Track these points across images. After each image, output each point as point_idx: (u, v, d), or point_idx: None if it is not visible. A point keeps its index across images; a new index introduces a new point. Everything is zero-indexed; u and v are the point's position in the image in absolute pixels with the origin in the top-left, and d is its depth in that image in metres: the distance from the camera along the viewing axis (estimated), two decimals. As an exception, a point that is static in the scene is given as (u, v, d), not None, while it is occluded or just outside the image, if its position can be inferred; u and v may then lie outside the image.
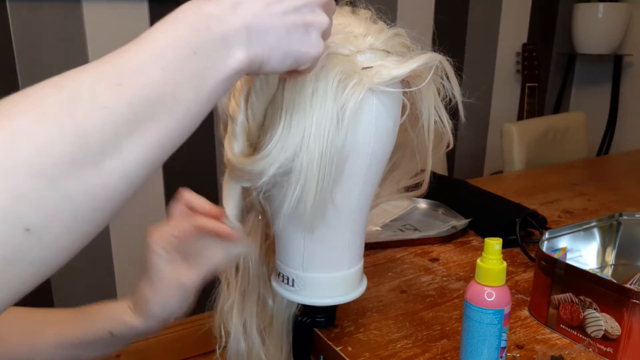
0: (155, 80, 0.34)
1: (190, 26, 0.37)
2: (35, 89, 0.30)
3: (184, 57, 0.36)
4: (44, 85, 0.31)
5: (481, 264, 0.58)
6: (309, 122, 0.49)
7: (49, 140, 0.28)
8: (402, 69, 0.53)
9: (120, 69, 0.33)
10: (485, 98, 2.63)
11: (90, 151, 0.30)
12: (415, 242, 1.01)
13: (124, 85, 0.32)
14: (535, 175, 1.56)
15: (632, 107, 2.69)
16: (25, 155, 0.27)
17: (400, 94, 0.57)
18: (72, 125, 0.29)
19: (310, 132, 0.49)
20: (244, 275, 0.65)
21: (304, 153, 0.50)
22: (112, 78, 0.32)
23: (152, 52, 0.35)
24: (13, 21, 1.54)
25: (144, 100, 0.33)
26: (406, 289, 0.84)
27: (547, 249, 0.79)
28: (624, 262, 0.89)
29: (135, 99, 0.32)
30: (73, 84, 0.31)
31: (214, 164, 1.96)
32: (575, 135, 2.00)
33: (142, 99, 0.33)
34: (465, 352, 0.59)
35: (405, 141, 0.66)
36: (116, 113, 0.31)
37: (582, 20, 2.57)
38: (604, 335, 0.65)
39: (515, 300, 0.81)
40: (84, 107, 0.30)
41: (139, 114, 0.32)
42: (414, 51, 0.57)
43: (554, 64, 2.88)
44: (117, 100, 0.32)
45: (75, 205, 0.30)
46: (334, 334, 0.71)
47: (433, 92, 0.58)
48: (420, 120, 0.60)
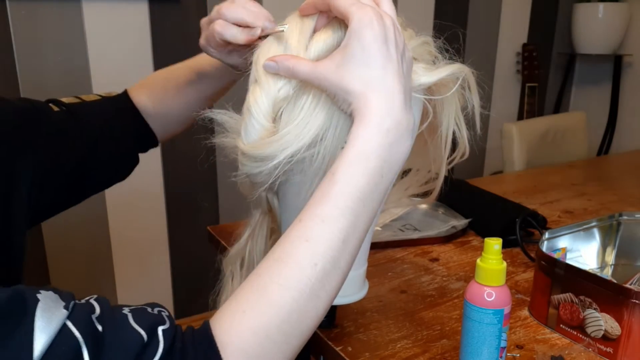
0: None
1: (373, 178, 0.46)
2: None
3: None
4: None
5: (481, 264, 0.58)
6: (335, 114, 0.50)
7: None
8: (430, 77, 0.54)
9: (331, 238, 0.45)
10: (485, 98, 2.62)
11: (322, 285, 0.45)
12: (415, 242, 1.01)
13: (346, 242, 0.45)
14: (535, 175, 1.56)
15: (632, 107, 2.69)
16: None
17: (423, 101, 0.57)
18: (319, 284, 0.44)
19: (332, 125, 0.50)
20: (249, 269, 0.65)
21: (321, 145, 0.50)
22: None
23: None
24: (13, 21, 1.54)
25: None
26: (406, 289, 0.84)
27: (547, 249, 0.79)
28: (624, 262, 0.89)
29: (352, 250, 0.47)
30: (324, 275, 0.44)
31: (214, 164, 1.96)
32: (575, 135, 2.00)
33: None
34: (465, 352, 0.59)
35: (417, 148, 0.66)
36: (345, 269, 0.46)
37: (582, 20, 2.57)
38: (604, 335, 0.65)
39: (515, 300, 0.81)
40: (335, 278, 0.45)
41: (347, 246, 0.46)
42: (440, 60, 0.57)
43: (554, 64, 2.88)
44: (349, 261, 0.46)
45: (325, 303, 0.45)
46: (334, 334, 0.71)
47: (455, 102, 0.59)
48: (439, 129, 0.60)
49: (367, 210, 0.46)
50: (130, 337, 0.39)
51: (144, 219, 1.92)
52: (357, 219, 0.45)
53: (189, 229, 2.00)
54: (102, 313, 0.40)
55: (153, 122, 0.76)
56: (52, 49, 1.61)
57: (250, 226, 0.65)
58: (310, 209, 0.45)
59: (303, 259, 0.43)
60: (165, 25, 1.79)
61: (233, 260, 0.65)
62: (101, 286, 1.85)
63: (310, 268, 0.43)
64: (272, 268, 0.44)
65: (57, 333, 0.36)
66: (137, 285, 1.95)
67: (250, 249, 0.64)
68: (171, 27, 1.80)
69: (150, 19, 1.76)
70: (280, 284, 0.42)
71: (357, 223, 0.45)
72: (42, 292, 0.38)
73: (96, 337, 0.38)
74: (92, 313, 0.39)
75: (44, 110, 0.65)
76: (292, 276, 0.43)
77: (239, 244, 0.65)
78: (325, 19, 0.52)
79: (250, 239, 0.65)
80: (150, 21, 1.77)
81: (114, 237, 1.87)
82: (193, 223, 2.00)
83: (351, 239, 0.45)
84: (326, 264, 0.43)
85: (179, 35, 1.82)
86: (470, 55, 2.48)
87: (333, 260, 0.44)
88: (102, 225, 1.84)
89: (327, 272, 0.44)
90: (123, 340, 0.38)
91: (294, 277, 0.43)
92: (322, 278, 0.43)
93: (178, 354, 0.40)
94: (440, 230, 1.05)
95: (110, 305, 0.41)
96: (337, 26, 0.51)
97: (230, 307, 0.43)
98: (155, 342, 0.39)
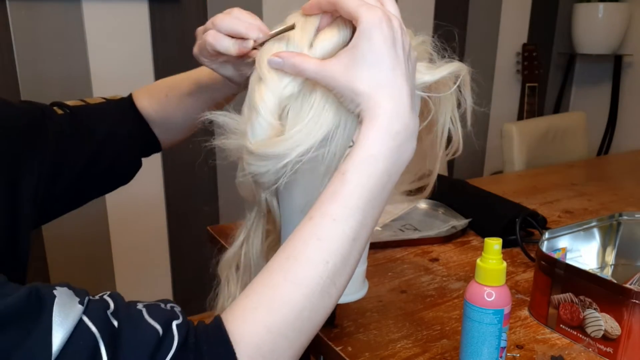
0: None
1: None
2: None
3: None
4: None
5: (481, 264, 0.58)
6: (344, 113, 0.50)
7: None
8: (433, 75, 0.54)
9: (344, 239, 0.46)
10: (485, 98, 2.63)
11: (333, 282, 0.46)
12: (415, 242, 1.01)
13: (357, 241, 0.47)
14: (535, 175, 1.56)
15: (632, 107, 2.69)
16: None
17: (425, 99, 0.57)
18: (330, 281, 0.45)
19: (341, 123, 0.50)
20: (245, 272, 0.65)
21: (331, 143, 0.50)
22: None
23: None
24: (13, 21, 1.54)
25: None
26: (406, 289, 0.84)
27: (547, 249, 0.79)
28: (624, 262, 0.89)
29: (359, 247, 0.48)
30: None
31: (214, 164, 1.96)
32: (575, 135, 2.00)
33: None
34: (465, 352, 0.59)
35: None
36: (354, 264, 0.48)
37: (582, 20, 2.57)
38: (604, 335, 0.65)
39: (515, 300, 0.81)
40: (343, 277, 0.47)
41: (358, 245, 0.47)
42: (436, 59, 0.57)
43: (554, 64, 2.88)
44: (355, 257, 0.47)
45: (333, 299, 0.46)
46: (334, 334, 0.71)
47: (452, 100, 0.59)
48: (435, 126, 0.60)
49: (375, 210, 0.47)
50: (146, 332, 0.39)
51: (144, 220, 1.91)
52: (366, 218, 0.46)
53: (189, 229, 2.00)
54: (117, 308, 0.40)
55: (155, 128, 0.76)
56: (52, 49, 1.61)
57: (245, 229, 0.64)
58: (321, 208, 0.46)
59: (315, 256, 0.44)
60: (165, 25, 1.79)
61: (228, 264, 0.65)
62: (101, 286, 1.85)
63: (322, 265, 0.44)
64: (285, 266, 0.44)
65: (74, 329, 0.37)
66: (137, 286, 1.95)
67: (245, 251, 0.64)
68: (171, 27, 1.80)
69: (150, 19, 1.76)
70: (293, 282, 0.43)
71: (366, 222, 0.46)
72: (57, 288, 0.39)
73: (112, 333, 0.38)
74: (107, 309, 0.39)
75: (48, 114, 0.65)
76: (305, 274, 0.44)
77: (233, 248, 0.64)
78: (328, 18, 0.52)
79: (245, 242, 0.64)
80: (150, 21, 1.77)
81: (114, 238, 1.87)
82: (193, 223, 2.00)
83: (360, 237, 0.46)
84: (337, 261, 0.45)
85: (179, 35, 1.82)
86: (470, 55, 2.48)
87: (343, 258, 0.45)
88: (102, 225, 1.84)
89: (338, 270, 0.45)
90: (139, 335, 0.39)
91: (307, 275, 0.44)
92: (333, 275, 0.45)
93: (192, 349, 0.40)
94: (440, 230, 1.05)
95: (124, 301, 0.42)
96: (342, 25, 0.51)
97: (243, 304, 0.44)
98: (170, 336, 0.40)
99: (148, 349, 0.38)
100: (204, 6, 1.84)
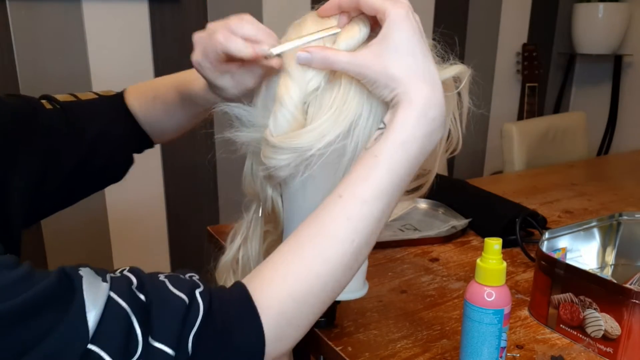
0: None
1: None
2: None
3: None
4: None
5: (481, 264, 0.58)
6: (366, 104, 0.51)
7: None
8: (442, 75, 0.55)
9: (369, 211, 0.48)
10: (485, 98, 2.63)
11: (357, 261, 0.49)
12: (415, 242, 1.01)
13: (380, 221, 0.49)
14: (535, 175, 1.56)
15: (632, 107, 2.69)
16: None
17: None
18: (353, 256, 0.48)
19: (363, 114, 0.51)
20: (244, 273, 0.65)
21: (354, 134, 0.51)
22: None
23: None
24: (13, 21, 1.54)
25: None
26: (406, 289, 0.84)
27: (547, 249, 0.79)
28: (624, 262, 0.89)
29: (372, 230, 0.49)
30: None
31: (214, 164, 1.96)
32: (575, 135, 2.00)
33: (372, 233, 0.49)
34: (465, 352, 0.59)
35: None
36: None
37: (582, 20, 2.57)
38: (604, 335, 0.65)
39: (515, 300, 0.81)
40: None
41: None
42: (441, 63, 0.57)
43: (554, 64, 2.88)
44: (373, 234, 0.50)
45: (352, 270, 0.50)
46: (334, 334, 0.71)
47: (454, 100, 0.59)
48: None
49: (399, 193, 0.49)
50: (174, 302, 0.41)
51: (144, 220, 1.91)
52: (391, 202, 0.49)
53: (189, 229, 2.00)
54: (142, 282, 0.41)
55: (144, 127, 0.75)
56: (52, 49, 1.61)
57: (244, 230, 0.64)
58: (351, 188, 0.48)
59: (343, 235, 0.47)
60: (165, 25, 1.79)
61: (227, 268, 0.64)
62: (101, 286, 1.85)
63: (348, 244, 0.47)
64: (315, 240, 0.47)
65: (104, 306, 0.38)
66: (137, 285, 1.95)
67: (243, 254, 0.63)
68: (171, 27, 1.80)
69: (150, 19, 1.76)
70: (322, 257, 0.46)
71: (390, 204, 0.49)
72: (81, 268, 0.40)
73: (142, 306, 0.40)
74: (130, 284, 0.41)
75: (36, 108, 0.63)
76: (332, 251, 0.46)
77: (231, 250, 0.63)
78: (346, 18, 0.53)
79: (243, 244, 0.64)
80: (150, 21, 1.76)
81: (114, 237, 1.87)
82: (193, 223, 2.00)
83: (383, 218, 0.49)
84: (361, 241, 0.47)
85: (179, 35, 1.82)
86: (470, 55, 2.49)
87: (367, 237, 0.48)
88: (102, 225, 1.84)
89: (361, 248, 0.48)
90: (168, 306, 0.40)
91: (334, 251, 0.46)
92: (357, 253, 0.48)
93: (218, 314, 0.42)
94: (440, 230, 1.05)
95: (146, 274, 0.43)
96: (362, 24, 0.52)
97: (269, 273, 0.46)
98: (195, 305, 0.42)
99: (178, 319, 0.40)
100: (204, 6, 1.84)
